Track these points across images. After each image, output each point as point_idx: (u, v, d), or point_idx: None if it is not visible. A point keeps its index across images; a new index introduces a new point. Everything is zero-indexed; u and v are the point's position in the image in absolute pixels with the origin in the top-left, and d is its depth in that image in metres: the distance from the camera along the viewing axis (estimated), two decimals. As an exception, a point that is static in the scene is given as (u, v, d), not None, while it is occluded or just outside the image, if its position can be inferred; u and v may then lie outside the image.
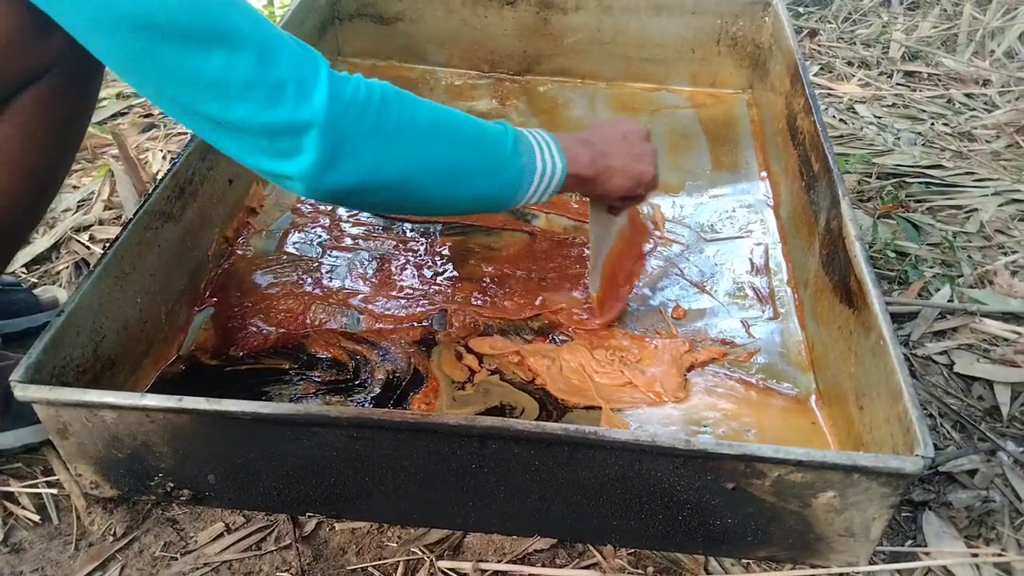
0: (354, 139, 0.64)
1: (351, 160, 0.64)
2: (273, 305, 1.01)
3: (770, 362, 0.95)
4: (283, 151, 0.62)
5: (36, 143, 0.74)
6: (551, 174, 0.77)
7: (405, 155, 0.67)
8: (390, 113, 0.65)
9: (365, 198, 0.68)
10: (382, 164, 0.66)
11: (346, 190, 0.66)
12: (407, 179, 0.68)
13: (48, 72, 0.70)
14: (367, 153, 0.64)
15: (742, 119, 1.42)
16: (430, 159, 0.69)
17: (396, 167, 0.67)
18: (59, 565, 0.77)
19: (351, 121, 0.63)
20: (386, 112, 0.65)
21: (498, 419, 0.72)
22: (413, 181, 0.69)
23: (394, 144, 0.66)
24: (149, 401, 0.71)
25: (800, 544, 0.75)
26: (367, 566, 0.77)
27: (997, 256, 1.21)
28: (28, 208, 0.78)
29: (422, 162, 0.68)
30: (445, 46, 1.51)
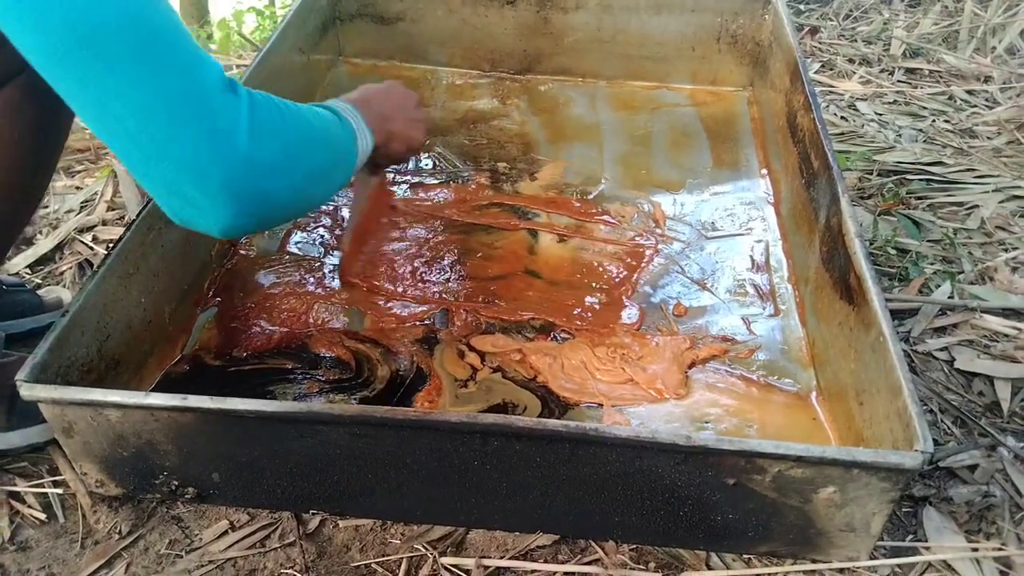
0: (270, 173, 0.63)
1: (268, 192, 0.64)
2: (276, 305, 1.01)
3: (771, 359, 0.96)
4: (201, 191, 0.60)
5: (13, 144, 0.74)
6: (366, 150, 0.82)
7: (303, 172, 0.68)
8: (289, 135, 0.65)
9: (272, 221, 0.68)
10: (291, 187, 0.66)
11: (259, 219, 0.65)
12: (305, 193, 0.70)
13: (19, 74, 0.71)
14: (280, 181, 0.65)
15: (742, 117, 1.42)
16: (317, 168, 0.71)
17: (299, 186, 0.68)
18: (65, 563, 0.78)
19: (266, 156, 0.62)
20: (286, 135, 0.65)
21: (500, 416, 0.72)
22: (308, 193, 0.71)
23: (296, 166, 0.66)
24: (154, 400, 0.72)
25: (801, 539, 0.76)
26: (371, 563, 0.77)
27: (998, 252, 1.21)
28: (12, 209, 0.79)
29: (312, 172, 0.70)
30: (446, 46, 1.51)
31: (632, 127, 1.38)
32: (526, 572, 0.77)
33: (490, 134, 1.35)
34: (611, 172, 1.27)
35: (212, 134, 0.59)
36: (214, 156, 0.59)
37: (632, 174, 1.26)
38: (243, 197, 0.61)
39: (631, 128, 1.38)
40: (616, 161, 1.29)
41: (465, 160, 1.29)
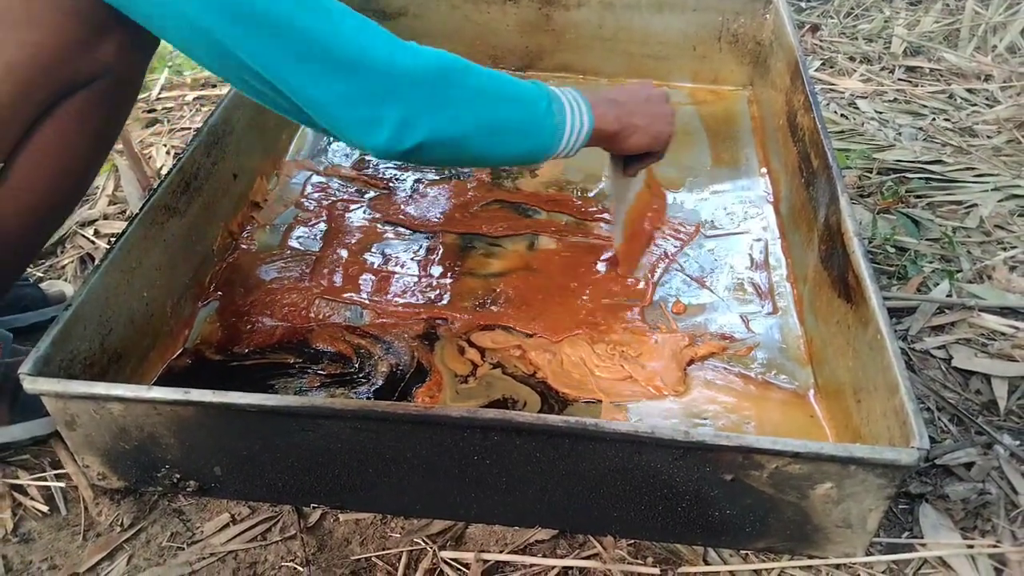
0: (417, 109, 0.69)
1: (415, 128, 0.69)
2: (277, 299, 1.02)
3: (769, 356, 0.96)
4: (352, 121, 0.68)
5: (73, 149, 0.76)
6: (579, 130, 0.82)
7: (460, 119, 0.73)
8: (447, 80, 0.71)
9: (424, 156, 0.73)
10: (441, 128, 0.71)
11: (410, 151, 0.71)
12: (460, 139, 0.74)
13: (94, 81, 0.72)
14: (429, 120, 0.70)
15: (743, 116, 1.42)
16: (480, 122, 0.74)
17: (452, 131, 0.72)
18: (68, 555, 0.79)
19: (414, 92, 0.69)
20: (443, 80, 0.70)
21: (500, 411, 0.73)
22: (465, 141, 0.74)
23: (451, 110, 0.71)
24: (156, 393, 0.72)
25: (798, 535, 0.76)
26: (371, 556, 0.78)
27: (996, 251, 1.21)
28: (56, 209, 0.81)
29: (474, 124, 0.74)
30: (448, 41, 1.51)
31: (633, 124, 1.38)
32: (525, 566, 0.77)
33: (491, 131, 1.35)
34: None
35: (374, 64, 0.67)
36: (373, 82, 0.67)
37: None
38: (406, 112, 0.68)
39: (632, 125, 1.38)
40: (616, 158, 1.29)
41: (466, 156, 1.29)
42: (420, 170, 1.26)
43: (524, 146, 0.80)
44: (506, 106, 0.77)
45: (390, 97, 0.68)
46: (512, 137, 0.78)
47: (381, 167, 1.26)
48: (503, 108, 0.76)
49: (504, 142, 0.78)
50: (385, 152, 0.70)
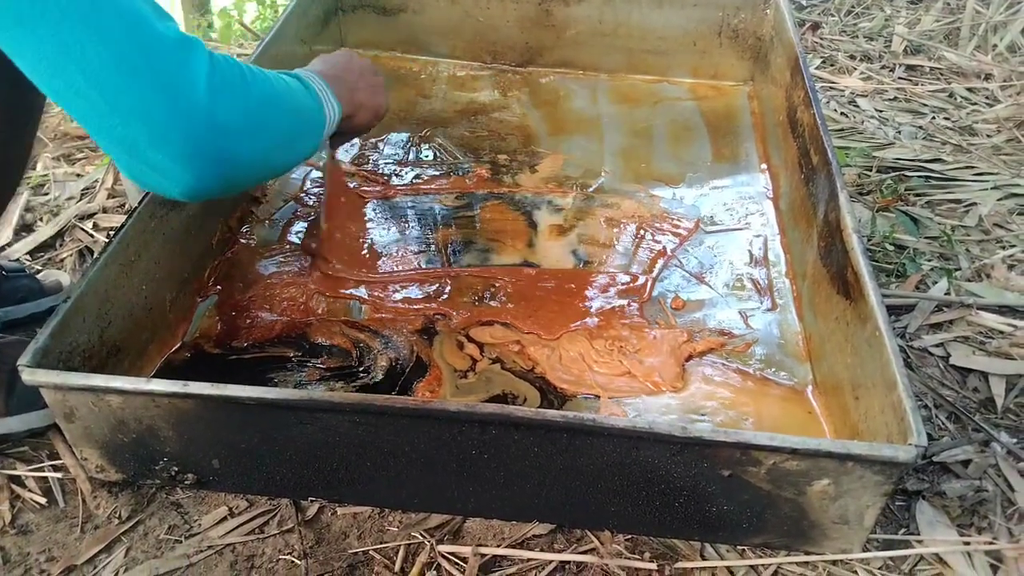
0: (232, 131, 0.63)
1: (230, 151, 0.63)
2: (276, 294, 1.01)
3: (768, 353, 0.96)
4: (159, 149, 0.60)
5: None
6: (333, 120, 0.81)
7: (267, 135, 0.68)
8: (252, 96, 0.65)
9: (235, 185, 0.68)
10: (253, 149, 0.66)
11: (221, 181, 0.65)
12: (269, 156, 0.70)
13: None
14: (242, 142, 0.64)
15: (743, 111, 1.42)
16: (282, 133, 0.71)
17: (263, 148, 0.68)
18: (65, 547, 0.79)
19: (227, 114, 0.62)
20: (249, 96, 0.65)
21: (498, 406, 0.73)
22: (272, 157, 0.71)
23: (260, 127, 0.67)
24: (155, 386, 0.72)
25: (795, 531, 0.76)
26: (368, 550, 0.78)
27: (995, 250, 1.22)
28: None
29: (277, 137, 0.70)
30: (447, 37, 1.51)
31: (632, 120, 1.39)
32: (522, 560, 0.77)
33: (491, 126, 1.36)
34: (611, 165, 1.27)
35: (166, 86, 0.58)
36: (171, 109, 0.58)
37: (632, 167, 1.27)
38: (204, 155, 0.61)
39: (631, 121, 1.38)
40: (616, 154, 1.29)
41: (465, 152, 1.29)
42: (420, 165, 1.26)
43: (309, 148, 0.78)
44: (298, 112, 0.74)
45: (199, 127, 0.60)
46: (303, 142, 0.76)
47: (380, 162, 1.26)
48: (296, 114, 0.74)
49: (298, 149, 0.76)
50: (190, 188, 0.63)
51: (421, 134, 1.33)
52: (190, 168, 0.61)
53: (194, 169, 0.61)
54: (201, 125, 0.60)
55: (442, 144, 1.31)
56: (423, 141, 1.31)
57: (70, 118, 1.43)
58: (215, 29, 1.95)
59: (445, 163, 1.26)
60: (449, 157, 1.28)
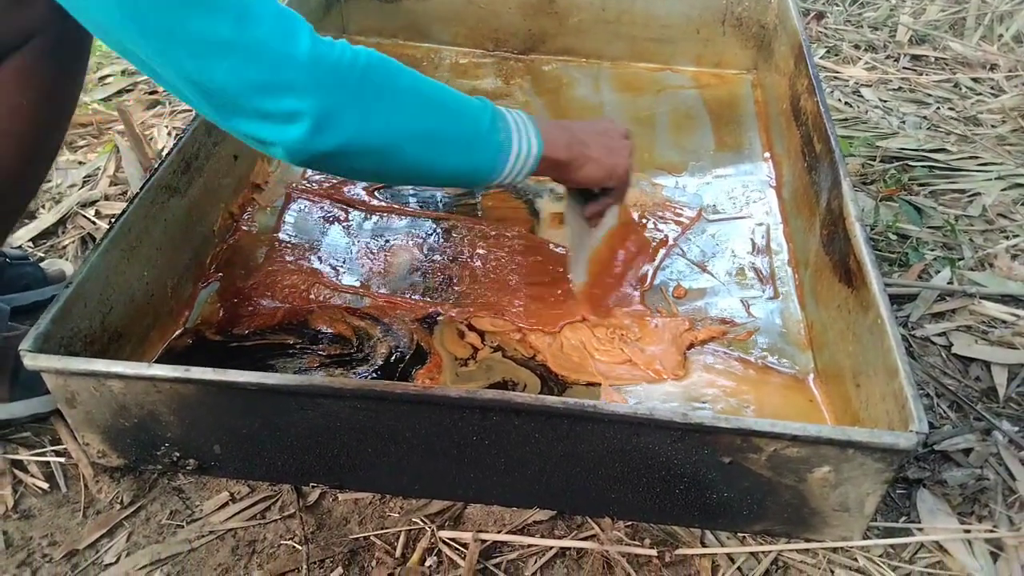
0: (339, 103, 0.62)
1: (335, 124, 0.63)
2: (278, 281, 1.01)
3: (769, 341, 0.96)
4: (265, 114, 0.61)
5: (22, 113, 0.74)
6: (527, 154, 0.76)
7: (388, 121, 0.66)
8: (374, 78, 0.64)
9: (345, 163, 0.67)
10: (366, 129, 0.65)
11: (327, 154, 0.64)
12: (388, 145, 0.67)
13: (30, 40, 0.70)
14: (352, 117, 0.63)
15: (746, 100, 1.42)
16: (412, 126, 0.68)
17: (379, 132, 0.66)
18: (68, 532, 0.79)
19: (336, 84, 0.62)
20: (370, 76, 0.64)
21: (499, 392, 0.73)
22: (394, 148, 0.68)
23: (378, 109, 0.65)
24: (156, 371, 0.72)
25: (795, 518, 0.76)
26: (369, 535, 0.78)
27: (998, 240, 1.21)
28: (18, 179, 0.78)
29: (404, 129, 0.67)
30: (450, 24, 1.50)
31: (635, 109, 1.38)
32: (523, 546, 0.78)
33: (493, 114, 1.35)
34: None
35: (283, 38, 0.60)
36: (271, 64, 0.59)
37: (634, 155, 1.26)
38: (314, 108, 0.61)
39: (634, 110, 1.38)
40: (619, 143, 1.29)
41: (468, 140, 1.28)
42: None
43: (464, 163, 0.73)
44: (445, 114, 0.70)
45: (310, 87, 0.60)
46: (450, 150, 0.71)
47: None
48: (441, 115, 0.70)
49: (440, 155, 0.71)
50: (298, 151, 0.63)
51: (423, 122, 1.32)
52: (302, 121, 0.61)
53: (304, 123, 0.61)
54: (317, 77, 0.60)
55: (444, 132, 1.30)
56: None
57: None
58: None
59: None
60: (451, 145, 1.27)
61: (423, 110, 0.69)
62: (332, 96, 0.62)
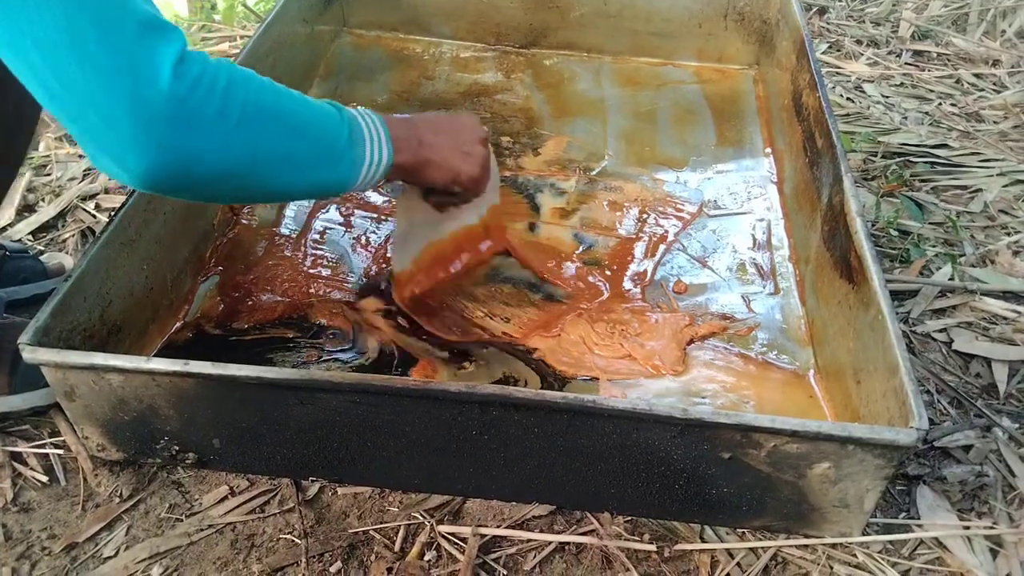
0: (196, 140, 0.58)
1: (191, 161, 0.59)
2: (277, 275, 1.01)
3: (770, 337, 0.96)
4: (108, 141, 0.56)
5: None
6: (377, 163, 0.75)
7: (247, 148, 0.63)
8: (235, 103, 0.60)
9: (198, 189, 0.64)
10: (223, 160, 0.61)
11: (185, 180, 0.60)
12: (246, 169, 0.64)
13: None
14: (209, 153, 0.60)
15: (748, 95, 1.41)
16: (272, 150, 0.65)
17: (237, 161, 0.62)
18: (67, 525, 0.79)
19: (193, 119, 0.58)
20: (231, 102, 0.60)
21: (499, 387, 0.73)
22: (252, 171, 0.64)
23: (237, 137, 0.61)
24: (155, 365, 0.72)
25: (794, 514, 0.76)
26: (368, 529, 0.78)
27: (1000, 236, 1.21)
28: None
29: (263, 154, 0.64)
30: (451, 18, 1.50)
31: (636, 103, 1.38)
32: (522, 541, 0.78)
33: (494, 108, 1.35)
34: (614, 148, 1.26)
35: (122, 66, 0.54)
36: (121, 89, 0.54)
37: (635, 151, 1.26)
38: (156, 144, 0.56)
39: (635, 104, 1.37)
40: (620, 137, 1.29)
41: (468, 134, 1.28)
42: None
43: (320, 180, 0.71)
44: (305, 135, 0.68)
45: (165, 124, 0.56)
46: (308, 170, 0.69)
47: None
48: (301, 137, 0.67)
49: (298, 176, 0.68)
50: (146, 181, 0.58)
51: (424, 116, 1.32)
52: (140, 156, 0.56)
53: (144, 158, 0.57)
54: (154, 111, 0.55)
55: (445, 126, 1.30)
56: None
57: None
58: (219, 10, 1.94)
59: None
60: (452, 139, 1.27)
61: (284, 133, 0.66)
62: (188, 133, 0.58)
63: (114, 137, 0.56)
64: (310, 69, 1.39)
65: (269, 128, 0.64)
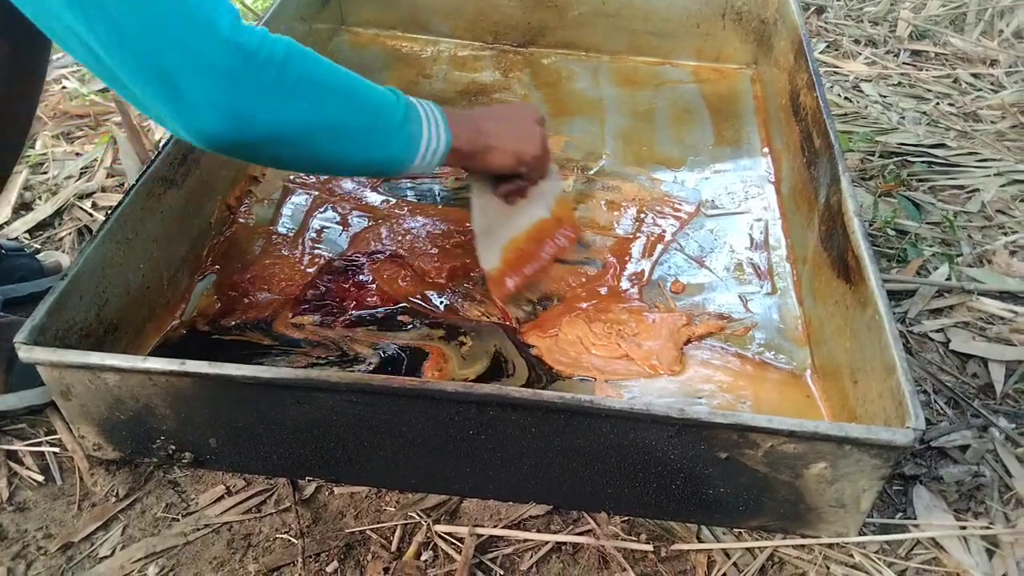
0: (254, 96, 0.62)
1: (249, 110, 0.62)
2: (275, 273, 1.01)
3: (767, 337, 0.96)
4: (178, 93, 0.59)
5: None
6: (435, 147, 0.78)
7: (303, 115, 0.66)
8: (292, 71, 0.64)
9: (254, 151, 0.66)
10: (279, 122, 0.64)
11: (238, 141, 0.64)
12: (301, 136, 0.67)
13: None
14: (266, 105, 0.63)
15: (745, 94, 1.41)
16: (327, 121, 0.68)
17: (293, 126, 0.66)
18: (63, 524, 0.79)
19: (252, 76, 0.61)
20: (288, 70, 0.63)
21: (496, 387, 0.73)
22: (306, 138, 0.68)
23: (293, 104, 0.65)
24: (151, 364, 0.72)
25: (791, 514, 0.76)
26: (365, 529, 0.78)
27: (997, 236, 1.21)
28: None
29: (319, 123, 0.68)
30: (449, 17, 1.50)
31: (634, 103, 1.38)
32: (518, 541, 0.78)
33: (492, 107, 1.35)
34: (612, 148, 1.26)
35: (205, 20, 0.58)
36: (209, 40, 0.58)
37: (633, 150, 1.26)
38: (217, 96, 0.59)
39: (633, 104, 1.37)
40: (617, 137, 1.29)
41: (466, 133, 1.28)
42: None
43: (376, 155, 0.74)
44: (359, 107, 0.71)
45: (226, 74, 0.59)
46: (363, 143, 0.72)
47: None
48: (356, 110, 0.71)
49: (353, 148, 0.72)
50: (212, 138, 0.62)
51: (421, 115, 1.32)
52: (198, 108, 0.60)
53: (202, 112, 0.60)
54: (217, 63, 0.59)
55: (442, 125, 1.29)
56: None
57: (69, 96, 1.43)
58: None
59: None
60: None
61: (339, 104, 0.69)
62: (247, 88, 0.61)
63: (171, 89, 0.58)
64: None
65: (322, 99, 0.67)
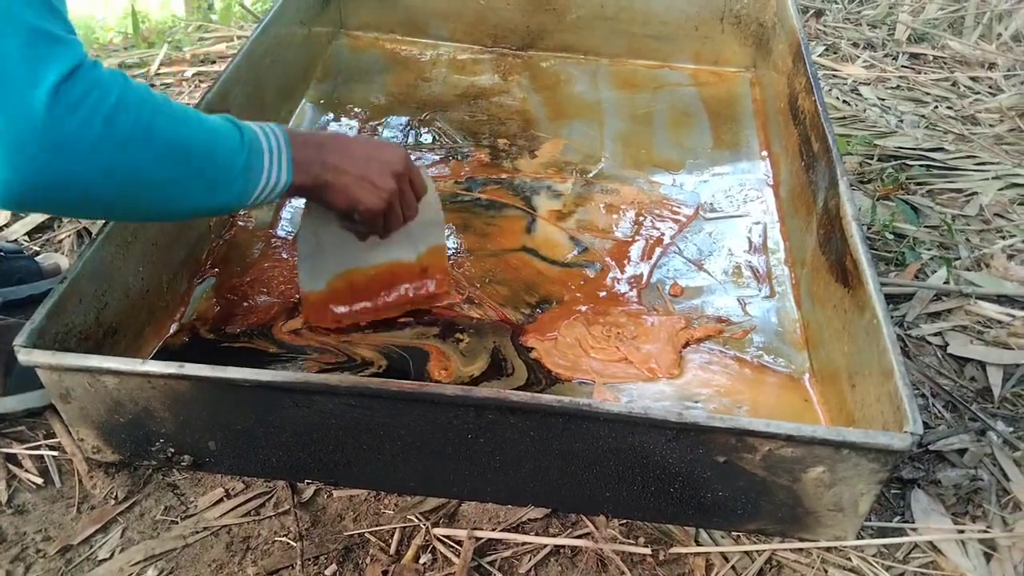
0: (69, 150, 0.56)
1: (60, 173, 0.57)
2: (274, 277, 1.01)
3: (765, 340, 0.96)
4: None
5: None
6: (273, 185, 0.73)
7: (128, 174, 0.61)
8: (122, 125, 0.59)
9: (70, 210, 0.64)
10: (95, 184, 0.59)
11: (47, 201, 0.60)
12: (127, 193, 0.62)
13: None
14: (81, 166, 0.57)
15: (744, 98, 1.42)
16: (156, 176, 0.63)
17: (115, 186, 0.61)
18: (62, 527, 0.79)
19: (70, 130, 0.56)
20: (117, 125, 0.58)
21: (494, 390, 0.73)
22: (133, 195, 0.63)
23: (118, 162, 0.60)
24: (150, 367, 0.72)
25: (789, 518, 0.77)
26: (364, 532, 0.78)
27: (995, 240, 1.21)
28: None
29: (147, 179, 0.62)
30: (448, 20, 1.50)
31: (633, 106, 1.38)
32: (517, 544, 0.78)
33: (491, 110, 1.35)
34: (611, 151, 1.26)
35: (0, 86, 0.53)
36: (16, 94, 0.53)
37: (632, 153, 1.26)
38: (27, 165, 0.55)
39: (632, 107, 1.38)
40: (616, 140, 1.29)
41: (465, 136, 1.28)
42: (419, 149, 1.25)
43: (207, 203, 0.70)
44: (196, 160, 0.66)
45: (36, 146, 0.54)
46: (195, 194, 0.67)
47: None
48: (192, 162, 0.65)
49: (184, 200, 0.67)
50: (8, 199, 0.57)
51: (420, 117, 1.32)
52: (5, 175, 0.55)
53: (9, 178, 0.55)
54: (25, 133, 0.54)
55: (442, 128, 1.30)
56: (422, 124, 1.31)
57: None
58: (216, 10, 1.94)
59: (444, 147, 1.26)
60: (449, 141, 1.27)
61: (174, 159, 0.64)
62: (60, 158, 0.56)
63: None
64: (307, 71, 1.39)
65: (157, 153, 0.62)
